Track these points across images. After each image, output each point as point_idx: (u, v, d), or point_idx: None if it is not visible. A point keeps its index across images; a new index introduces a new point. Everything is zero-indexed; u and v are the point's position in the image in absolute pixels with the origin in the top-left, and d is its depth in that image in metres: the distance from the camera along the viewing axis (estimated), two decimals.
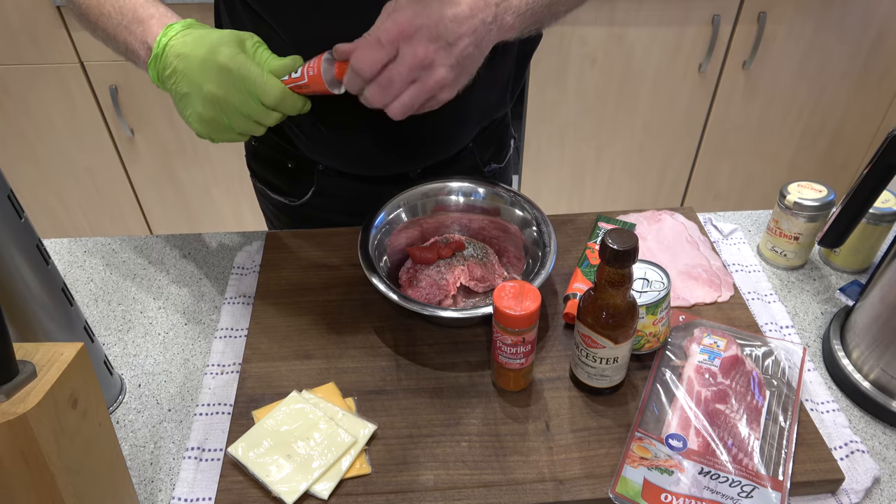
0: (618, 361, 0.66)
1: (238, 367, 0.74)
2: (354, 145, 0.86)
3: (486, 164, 0.98)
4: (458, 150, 0.92)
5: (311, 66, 0.65)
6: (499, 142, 0.99)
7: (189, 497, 0.63)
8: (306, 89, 0.66)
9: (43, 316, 0.63)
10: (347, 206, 0.93)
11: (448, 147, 0.91)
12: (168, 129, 1.77)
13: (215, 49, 0.63)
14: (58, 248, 0.92)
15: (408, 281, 0.80)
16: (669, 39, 1.72)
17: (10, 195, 0.58)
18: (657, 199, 2.06)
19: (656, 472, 0.61)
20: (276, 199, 0.99)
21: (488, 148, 0.97)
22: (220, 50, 0.63)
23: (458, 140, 0.91)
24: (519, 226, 0.82)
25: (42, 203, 1.92)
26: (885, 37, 1.76)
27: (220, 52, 0.62)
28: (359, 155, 0.87)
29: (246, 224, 2.02)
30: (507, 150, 1.02)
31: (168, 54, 0.64)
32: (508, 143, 1.02)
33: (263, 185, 0.99)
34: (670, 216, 0.91)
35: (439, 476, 0.63)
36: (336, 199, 0.94)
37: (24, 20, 1.58)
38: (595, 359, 0.65)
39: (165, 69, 0.64)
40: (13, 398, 0.46)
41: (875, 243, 0.85)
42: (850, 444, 0.66)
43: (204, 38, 0.64)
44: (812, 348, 0.77)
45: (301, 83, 0.65)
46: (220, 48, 0.63)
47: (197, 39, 0.64)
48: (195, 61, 0.63)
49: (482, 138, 0.95)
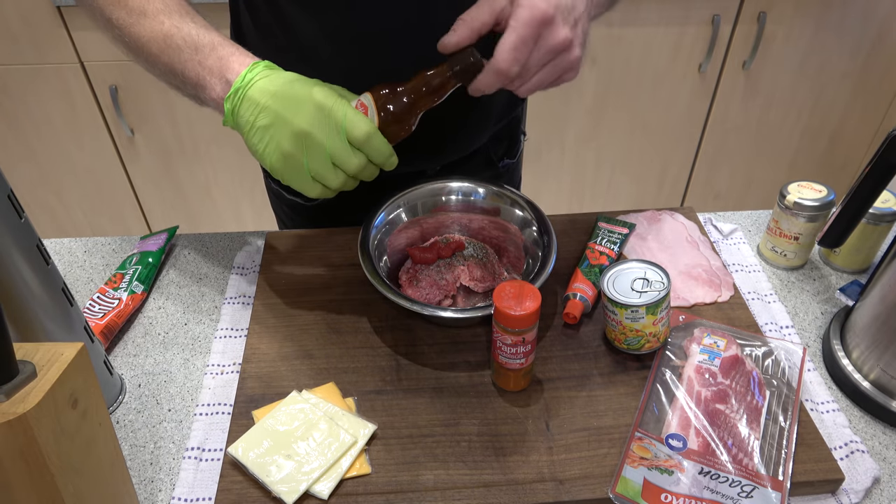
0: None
1: (238, 367, 0.74)
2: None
3: (500, 159, 1.00)
4: (476, 148, 0.94)
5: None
6: (511, 137, 1.01)
7: (189, 497, 0.63)
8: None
9: (43, 316, 0.63)
10: (361, 204, 0.94)
11: (469, 144, 0.92)
12: (168, 129, 1.77)
13: (310, 88, 0.63)
14: (58, 248, 0.92)
15: (408, 281, 0.80)
16: (669, 39, 1.72)
17: (10, 195, 0.58)
18: (657, 199, 2.06)
19: (656, 472, 0.61)
20: (291, 200, 0.99)
21: (502, 143, 0.99)
22: (314, 89, 0.63)
23: (478, 137, 0.93)
24: (519, 226, 0.82)
25: (42, 203, 1.92)
26: (885, 37, 1.76)
27: (315, 91, 0.62)
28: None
29: (246, 224, 2.02)
30: (518, 146, 1.04)
31: (254, 89, 0.63)
32: (519, 138, 1.04)
33: (278, 187, 1.00)
34: (670, 216, 0.91)
35: (439, 476, 0.63)
36: (350, 197, 0.95)
37: (24, 20, 1.58)
38: None
39: (247, 103, 0.63)
40: (13, 398, 0.46)
41: (875, 243, 0.85)
42: (850, 444, 0.66)
43: (295, 79, 0.64)
44: (812, 348, 0.77)
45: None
46: (315, 88, 0.63)
47: (287, 79, 0.64)
48: (287, 98, 0.62)
49: (497, 134, 0.97)
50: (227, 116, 0.65)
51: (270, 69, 0.65)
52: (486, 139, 0.95)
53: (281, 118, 0.62)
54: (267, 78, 0.64)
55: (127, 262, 0.86)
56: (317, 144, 0.62)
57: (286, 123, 0.62)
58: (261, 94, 0.63)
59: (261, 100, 0.63)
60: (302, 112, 0.61)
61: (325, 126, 0.62)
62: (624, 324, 0.70)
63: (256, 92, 0.63)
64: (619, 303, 0.69)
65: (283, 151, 0.62)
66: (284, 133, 0.62)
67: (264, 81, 0.63)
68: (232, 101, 0.64)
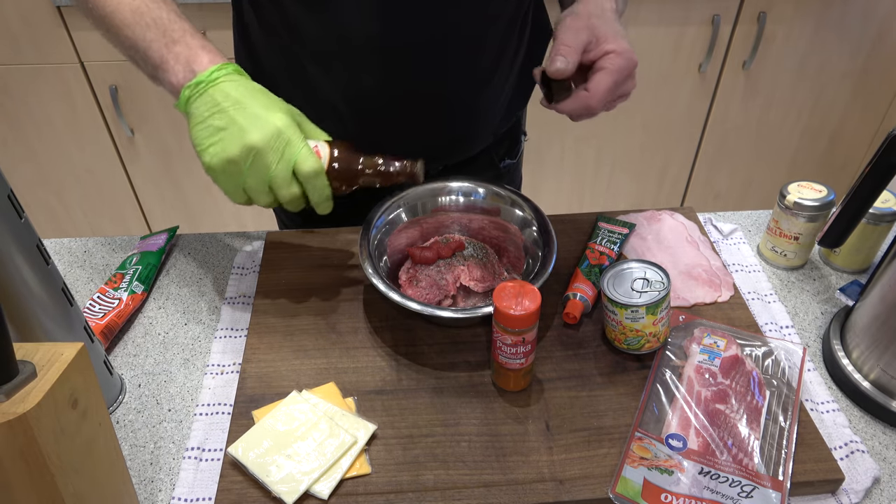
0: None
1: (238, 367, 0.74)
2: (382, 143, 0.88)
3: (501, 159, 1.01)
4: (480, 149, 0.95)
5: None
6: (512, 138, 1.02)
7: (189, 497, 0.63)
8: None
9: (43, 316, 0.63)
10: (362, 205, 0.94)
11: (473, 146, 0.94)
12: (168, 129, 1.77)
13: (275, 109, 0.65)
14: (58, 248, 0.92)
15: (408, 281, 0.80)
16: (669, 39, 1.72)
17: (10, 195, 0.58)
18: (657, 199, 2.06)
19: (656, 472, 0.61)
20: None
21: (503, 144, 1.00)
22: (278, 114, 0.64)
23: (482, 140, 0.94)
24: (519, 226, 0.82)
25: (42, 203, 1.92)
26: (885, 37, 1.76)
27: (279, 115, 0.64)
28: (387, 151, 0.89)
29: (246, 224, 2.02)
30: (519, 146, 1.05)
31: (217, 88, 0.64)
32: (520, 138, 1.05)
33: None
34: (670, 216, 0.91)
35: (439, 476, 0.63)
36: (351, 199, 0.95)
37: (24, 20, 1.58)
38: None
39: (205, 98, 0.64)
40: (13, 398, 0.46)
41: (875, 243, 0.85)
42: (850, 444, 0.66)
43: (260, 92, 0.66)
44: (812, 348, 0.77)
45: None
46: (279, 112, 0.65)
47: (252, 90, 0.66)
48: (249, 110, 0.64)
49: (499, 135, 0.98)
50: (181, 103, 0.66)
51: (239, 74, 0.67)
52: (490, 141, 0.96)
53: (237, 127, 0.63)
54: (234, 82, 0.65)
55: (127, 262, 0.86)
56: (263, 164, 0.64)
57: (241, 134, 0.63)
58: (223, 96, 0.64)
59: (221, 101, 0.64)
60: (260, 129, 0.63)
61: (277, 151, 0.64)
62: (624, 324, 0.70)
63: (219, 92, 0.64)
64: (619, 303, 0.69)
65: (227, 156, 0.63)
66: (236, 142, 0.63)
67: (230, 85, 0.65)
68: (191, 90, 0.65)
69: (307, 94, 0.82)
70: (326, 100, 0.83)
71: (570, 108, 0.71)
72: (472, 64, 0.83)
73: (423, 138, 0.87)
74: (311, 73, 0.82)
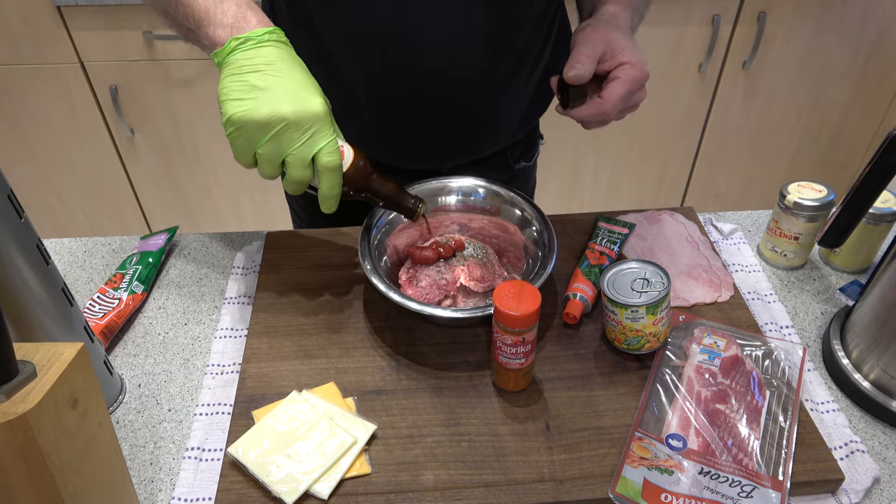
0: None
1: (238, 367, 0.74)
2: (398, 138, 0.89)
3: (516, 161, 1.01)
4: (497, 150, 0.96)
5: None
6: (528, 140, 1.02)
7: (189, 497, 0.63)
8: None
9: (43, 316, 0.63)
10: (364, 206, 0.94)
11: (487, 147, 0.94)
12: (168, 129, 1.77)
13: (316, 93, 0.64)
14: (58, 248, 0.92)
15: (408, 281, 0.80)
16: (669, 39, 1.72)
17: (10, 195, 0.58)
18: (657, 199, 2.06)
19: (656, 472, 0.61)
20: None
21: (519, 146, 1.00)
22: (319, 99, 0.63)
23: (497, 142, 0.95)
24: (519, 226, 0.82)
25: (42, 203, 1.92)
26: (885, 37, 1.76)
27: (319, 100, 0.63)
28: (403, 146, 0.90)
29: (246, 224, 2.02)
30: (535, 149, 1.06)
31: (265, 48, 0.63)
32: (537, 141, 1.06)
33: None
34: (670, 216, 0.91)
35: (439, 476, 0.63)
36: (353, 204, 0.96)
37: (24, 20, 1.58)
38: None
39: (251, 52, 0.63)
40: (13, 398, 0.46)
41: (875, 243, 0.85)
42: (850, 444, 0.66)
43: (306, 72, 0.65)
44: (812, 348, 0.77)
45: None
46: (320, 97, 0.64)
47: (299, 65, 0.65)
48: (290, 82, 0.63)
49: (516, 138, 0.98)
50: (223, 51, 0.64)
51: (286, 44, 0.66)
52: (506, 143, 0.96)
53: (274, 93, 0.61)
54: (281, 49, 0.64)
55: (127, 262, 0.86)
56: (287, 139, 0.62)
57: (277, 102, 0.61)
58: (267, 59, 0.62)
59: (265, 63, 0.62)
60: (297, 105, 0.61)
61: (307, 132, 0.63)
62: (624, 324, 0.70)
63: (266, 53, 0.62)
64: (619, 303, 0.69)
65: (253, 117, 0.61)
66: (268, 106, 0.61)
67: (277, 50, 0.63)
68: (238, 42, 0.63)
69: (330, 80, 0.82)
70: (347, 88, 0.83)
71: (585, 114, 0.74)
72: (494, 68, 0.83)
73: (438, 137, 0.87)
74: (336, 62, 0.82)
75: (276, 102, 0.61)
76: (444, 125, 0.87)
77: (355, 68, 0.82)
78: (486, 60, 0.81)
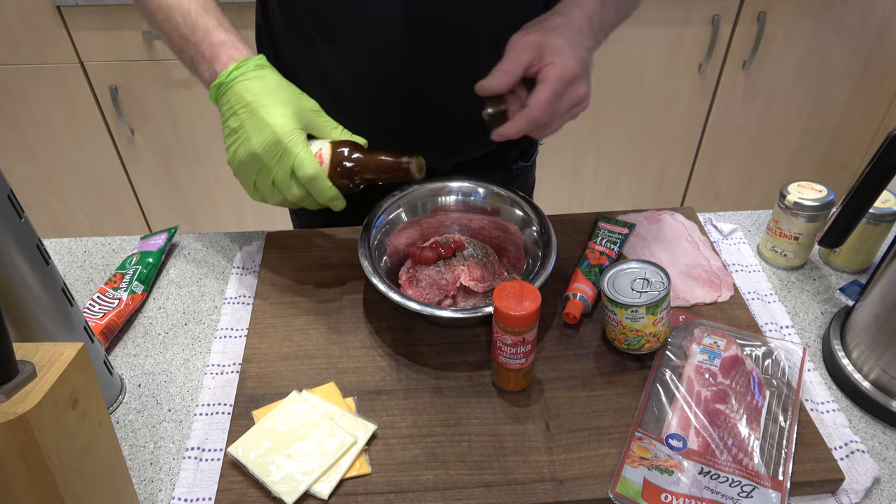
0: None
1: (238, 367, 0.74)
2: (394, 139, 0.88)
3: (514, 161, 1.01)
4: (493, 149, 0.95)
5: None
6: (526, 141, 1.01)
7: (189, 497, 0.63)
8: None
9: (43, 316, 0.63)
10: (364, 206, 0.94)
11: (487, 145, 0.93)
12: (168, 129, 1.77)
13: (278, 113, 0.67)
14: (58, 248, 0.92)
15: (408, 281, 0.80)
16: (669, 39, 1.72)
17: (10, 195, 0.58)
18: (657, 199, 2.06)
19: (656, 472, 0.61)
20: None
21: (517, 146, 1.00)
22: (280, 119, 0.67)
23: (493, 142, 0.93)
24: (519, 226, 0.82)
25: (42, 203, 1.92)
26: (885, 37, 1.76)
27: (281, 121, 0.67)
28: (399, 147, 0.90)
29: (246, 224, 2.02)
30: (533, 149, 1.05)
31: (232, 90, 0.68)
32: (535, 141, 1.05)
33: None
34: (670, 216, 0.91)
35: (439, 476, 0.63)
36: (364, 193, 0.95)
37: (24, 20, 1.58)
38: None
39: (224, 99, 0.69)
40: (13, 398, 0.46)
41: (875, 243, 0.85)
42: (850, 444, 0.66)
43: (272, 90, 0.68)
44: (812, 348, 0.77)
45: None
46: (282, 117, 0.67)
47: (265, 89, 0.68)
48: (254, 116, 0.67)
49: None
50: (212, 99, 0.71)
51: (258, 69, 0.69)
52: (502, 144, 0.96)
53: (244, 132, 0.68)
54: (248, 81, 0.68)
55: (127, 262, 0.86)
56: (265, 169, 0.68)
57: (247, 139, 0.67)
58: (237, 99, 0.68)
59: (235, 104, 0.68)
60: (261, 136, 0.67)
61: (275, 157, 0.67)
62: (624, 324, 0.70)
63: (234, 94, 0.68)
64: (619, 303, 0.69)
65: (239, 158, 0.69)
66: (245, 146, 0.68)
67: (243, 85, 0.68)
68: (215, 91, 0.69)
69: (322, 80, 0.83)
70: (339, 89, 0.83)
71: (515, 129, 0.69)
72: (492, 67, 0.83)
73: (433, 138, 0.87)
74: (327, 61, 0.82)
75: (247, 141, 0.67)
76: (439, 127, 0.86)
77: (347, 66, 0.82)
78: (486, 58, 0.81)
